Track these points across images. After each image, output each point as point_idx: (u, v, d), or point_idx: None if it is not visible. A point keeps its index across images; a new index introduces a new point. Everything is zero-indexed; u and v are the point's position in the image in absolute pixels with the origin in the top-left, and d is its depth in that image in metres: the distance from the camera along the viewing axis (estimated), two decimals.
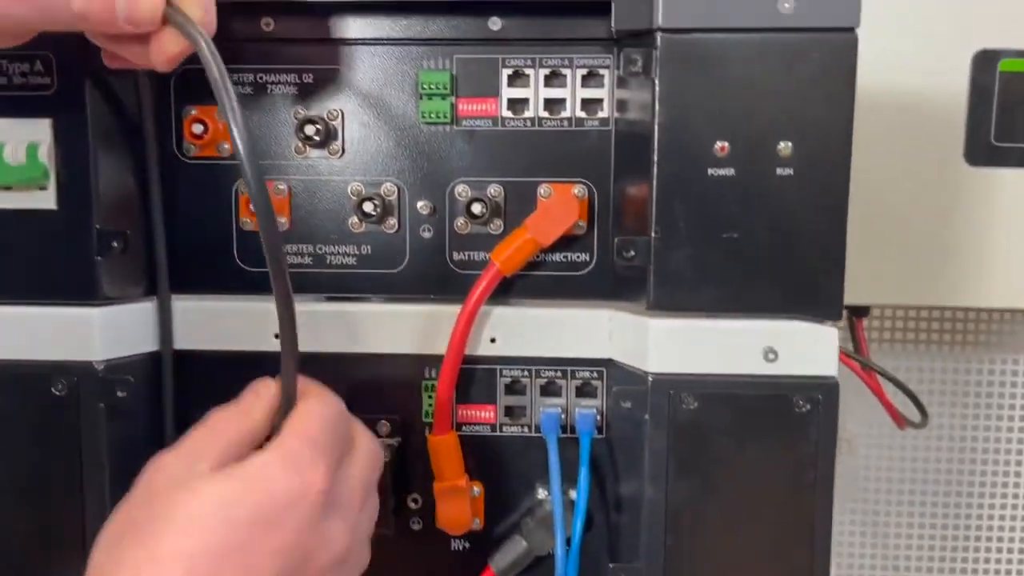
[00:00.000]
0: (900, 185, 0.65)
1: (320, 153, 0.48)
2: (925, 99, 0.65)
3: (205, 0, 0.39)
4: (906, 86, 0.64)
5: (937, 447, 0.85)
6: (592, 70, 0.47)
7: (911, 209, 0.65)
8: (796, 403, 0.44)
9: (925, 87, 0.65)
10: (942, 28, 0.63)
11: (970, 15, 0.63)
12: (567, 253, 0.48)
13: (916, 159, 0.65)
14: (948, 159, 0.65)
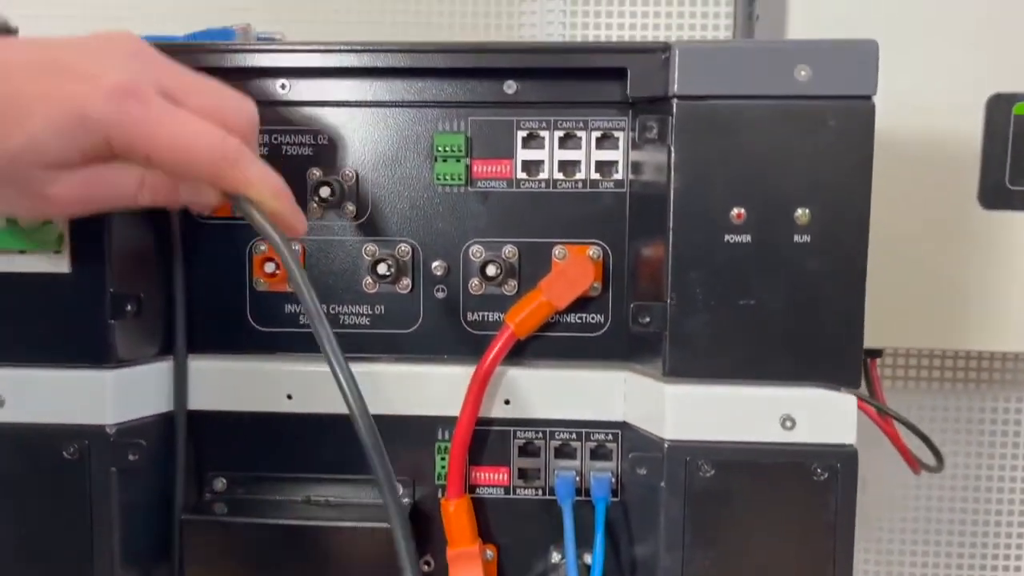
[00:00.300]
0: (914, 228, 0.65)
1: (335, 214, 0.48)
2: (939, 142, 0.64)
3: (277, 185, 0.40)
4: (920, 129, 0.64)
5: (952, 486, 0.84)
6: (607, 132, 0.47)
7: (925, 252, 0.65)
8: (814, 471, 0.44)
9: (939, 130, 0.64)
10: (956, 72, 0.63)
11: (984, 59, 0.63)
12: (582, 314, 0.48)
13: (930, 202, 0.65)
14: (962, 202, 0.65)
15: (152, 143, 0.37)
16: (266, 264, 0.48)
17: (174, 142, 0.38)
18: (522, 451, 0.49)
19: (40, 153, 0.37)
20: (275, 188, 0.40)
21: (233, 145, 0.39)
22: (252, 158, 0.39)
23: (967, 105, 0.63)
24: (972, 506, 0.84)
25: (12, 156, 0.37)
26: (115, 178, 0.39)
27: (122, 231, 0.45)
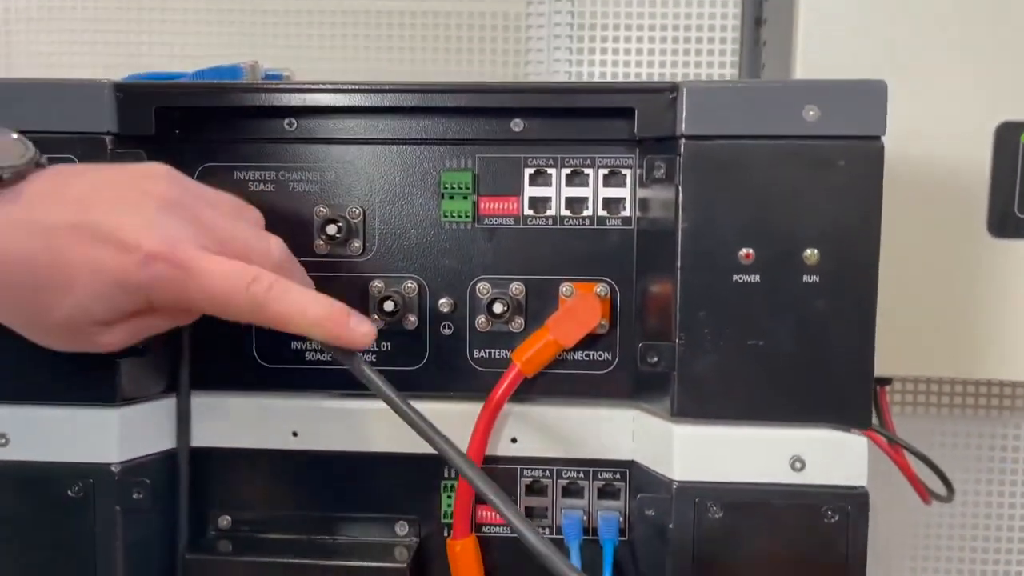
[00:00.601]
0: (923, 256, 0.64)
1: (341, 251, 0.48)
2: (948, 171, 0.64)
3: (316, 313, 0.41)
4: (929, 158, 0.64)
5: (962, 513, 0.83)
6: (614, 169, 0.47)
7: (934, 279, 0.65)
8: (825, 513, 0.43)
9: (948, 159, 0.64)
10: (965, 100, 0.63)
11: (993, 87, 0.63)
12: (589, 352, 0.48)
13: (939, 230, 0.64)
14: (971, 231, 0.65)
15: (189, 298, 0.39)
16: None
17: (211, 294, 0.39)
18: (529, 490, 0.48)
19: (88, 315, 0.39)
20: (314, 318, 0.40)
21: (263, 287, 0.40)
22: (283, 296, 0.40)
23: (976, 133, 0.63)
24: (983, 533, 0.83)
25: (64, 319, 0.39)
26: (160, 322, 0.42)
27: None
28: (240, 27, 0.81)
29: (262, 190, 0.48)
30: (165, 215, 0.39)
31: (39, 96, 0.45)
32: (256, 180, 0.48)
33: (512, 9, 0.81)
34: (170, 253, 0.38)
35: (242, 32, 0.81)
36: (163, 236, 0.39)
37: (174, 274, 0.39)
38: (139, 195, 0.39)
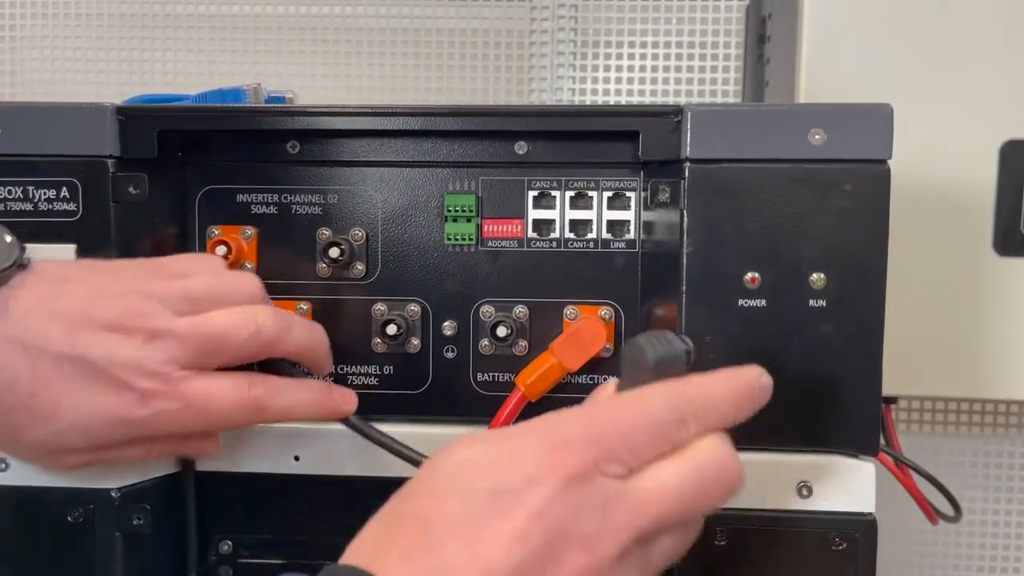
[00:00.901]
0: (928, 275, 0.64)
1: (344, 274, 0.48)
2: (953, 189, 0.64)
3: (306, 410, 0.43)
4: (934, 176, 0.64)
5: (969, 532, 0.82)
6: (618, 192, 0.47)
7: (940, 299, 0.64)
8: (832, 540, 0.43)
9: (953, 177, 0.64)
10: (970, 118, 0.63)
11: (998, 105, 0.63)
12: (594, 376, 0.47)
13: (944, 249, 0.64)
14: (976, 249, 0.64)
15: (191, 424, 0.40)
16: None
17: (205, 417, 0.40)
18: None
19: (63, 444, 0.39)
20: (309, 407, 0.43)
21: (256, 396, 0.40)
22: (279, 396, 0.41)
23: (980, 151, 0.63)
24: (991, 553, 0.82)
25: (35, 441, 0.39)
26: (126, 453, 0.41)
27: None
28: (244, 44, 0.82)
29: (264, 213, 0.48)
30: (156, 344, 0.39)
31: (40, 119, 0.44)
32: (258, 203, 0.48)
33: (516, 27, 0.81)
34: (167, 388, 0.38)
35: (245, 50, 0.82)
36: (156, 370, 0.38)
37: (174, 406, 0.39)
38: (126, 319, 0.38)
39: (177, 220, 0.48)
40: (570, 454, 0.30)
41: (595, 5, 0.81)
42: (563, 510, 0.30)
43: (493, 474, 0.31)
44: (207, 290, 0.41)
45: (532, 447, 0.31)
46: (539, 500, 0.30)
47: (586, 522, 0.30)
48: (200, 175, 0.48)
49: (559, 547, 0.30)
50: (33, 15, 0.83)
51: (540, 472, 0.30)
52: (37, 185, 0.44)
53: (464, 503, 0.30)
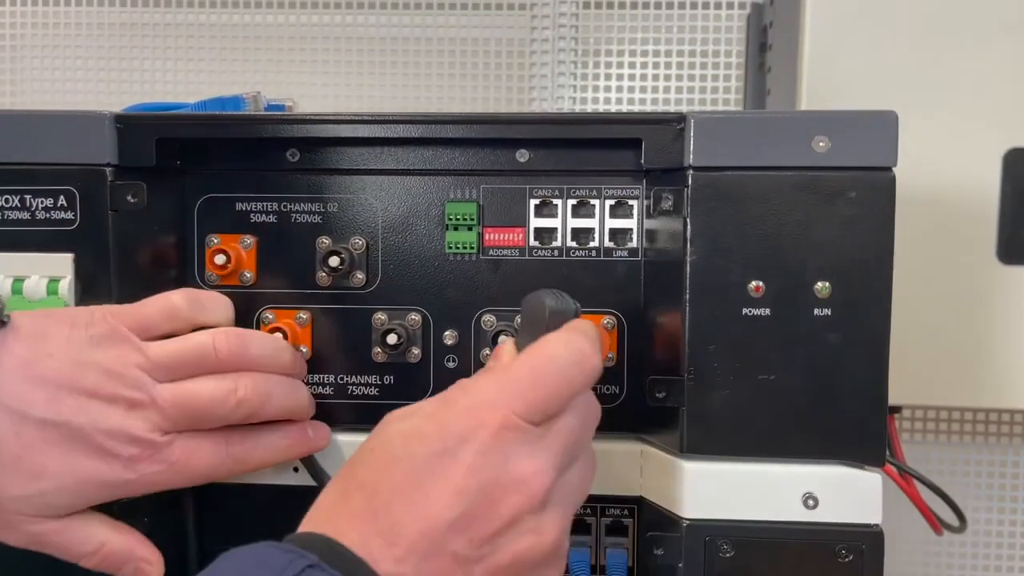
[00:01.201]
0: (932, 283, 0.64)
1: (344, 283, 0.47)
2: (956, 197, 0.63)
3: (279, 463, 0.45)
4: (937, 184, 0.63)
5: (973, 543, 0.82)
6: (620, 200, 0.46)
7: (943, 307, 0.64)
8: (839, 553, 0.42)
9: (956, 185, 0.63)
10: (973, 126, 0.62)
11: (1001, 113, 0.62)
12: (596, 385, 0.47)
13: (948, 257, 0.64)
14: (980, 257, 0.64)
15: (177, 483, 0.42)
16: (274, 334, 0.47)
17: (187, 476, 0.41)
18: None
19: (47, 503, 0.39)
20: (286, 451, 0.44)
21: (235, 454, 0.42)
22: (255, 448, 0.43)
23: (984, 160, 0.63)
24: (995, 563, 0.82)
25: (16, 498, 0.39)
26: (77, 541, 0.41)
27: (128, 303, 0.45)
28: (244, 53, 0.81)
29: (264, 221, 0.47)
30: (137, 411, 0.39)
31: (38, 127, 0.44)
32: (258, 211, 0.47)
33: (516, 36, 0.81)
34: (152, 453, 0.40)
35: (245, 59, 0.81)
36: (140, 437, 0.39)
37: (158, 468, 0.40)
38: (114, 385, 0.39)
39: (176, 229, 0.47)
40: (491, 413, 0.34)
41: (595, 14, 0.80)
42: (494, 460, 0.34)
43: (428, 440, 0.34)
44: (189, 355, 0.41)
45: (458, 413, 0.35)
46: (471, 455, 0.34)
47: (515, 468, 0.34)
48: (199, 183, 0.47)
49: (495, 494, 0.33)
50: (33, 24, 0.83)
51: (468, 432, 0.34)
52: (35, 194, 0.44)
53: (404, 468, 0.34)
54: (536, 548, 0.34)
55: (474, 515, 0.33)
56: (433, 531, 0.32)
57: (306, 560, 0.31)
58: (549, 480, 0.34)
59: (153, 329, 0.41)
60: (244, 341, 0.42)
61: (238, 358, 0.42)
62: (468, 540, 0.33)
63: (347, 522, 0.33)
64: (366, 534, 0.32)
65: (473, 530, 0.33)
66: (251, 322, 0.48)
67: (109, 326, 0.41)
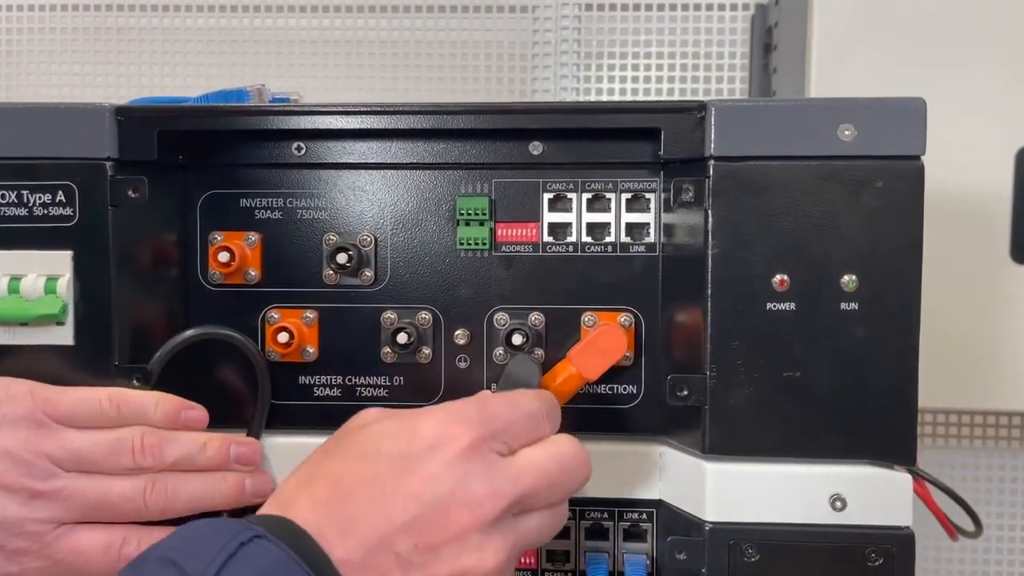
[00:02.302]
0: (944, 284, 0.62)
1: (352, 281, 0.46)
2: (969, 198, 0.62)
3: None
4: (950, 185, 0.62)
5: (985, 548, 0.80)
6: (637, 193, 0.45)
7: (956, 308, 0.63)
8: (868, 556, 0.41)
9: (969, 185, 0.63)
10: (984, 126, 0.62)
11: (1012, 113, 0.61)
12: (613, 385, 0.46)
13: (961, 258, 0.63)
14: (993, 257, 0.63)
15: None
16: (279, 334, 0.45)
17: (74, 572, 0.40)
18: None
19: None
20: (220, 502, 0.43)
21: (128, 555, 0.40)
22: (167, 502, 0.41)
23: (996, 159, 0.62)
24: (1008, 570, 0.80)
25: None
26: None
27: (128, 302, 0.43)
28: (244, 58, 0.80)
29: (269, 218, 0.46)
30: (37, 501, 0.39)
31: (37, 121, 0.43)
32: (263, 207, 0.46)
33: (518, 38, 0.80)
34: (38, 547, 0.39)
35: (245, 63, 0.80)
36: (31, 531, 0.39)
37: (41, 563, 0.39)
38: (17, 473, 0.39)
39: (178, 225, 0.46)
40: (466, 429, 0.36)
41: (598, 16, 0.80)
42: (455, 474, 0.35)
43: (398, 442, 0.36)
44: (104, 450, 0.40)
45: (433, 422, 0.36)
46: (436, 465, 0.35)
47: (473, 486, 0.35)
48: (202, 179, 0.46)
49: (449, 506, 0.34)
50: (30, 29, 0.82)
51: (439, 442, 0.35)
52: (32, 189, 0.43)
53: (371, 465, 0.35)
54: (475, 570, 0.34)
55: (425, 522, 0.34)
56: (385, 529, 0.34)
57: (254, 531, 0.32)
58: (500, 507, 0.35)
59: (76, 421, 0.41)
60: (162, 443, 0.41)
61: (155, 459, 0.41)
62: (414, 545, 0.34)
63: (307, 506, 0.34)
64: (322, 518, 0.34)
65: (421, 536, 0.34)
66: (256, 322, 0.46)
67: (26, 407, 0.40)
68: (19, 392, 0.40)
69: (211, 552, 0.31)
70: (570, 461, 0.38)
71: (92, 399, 0.41)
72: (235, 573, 0.30)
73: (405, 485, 0.34)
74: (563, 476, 0.37)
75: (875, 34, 0.61)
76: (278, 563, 0.31)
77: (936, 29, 0.61)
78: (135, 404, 0.42)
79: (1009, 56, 0.61)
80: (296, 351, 0.46)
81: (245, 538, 0.31)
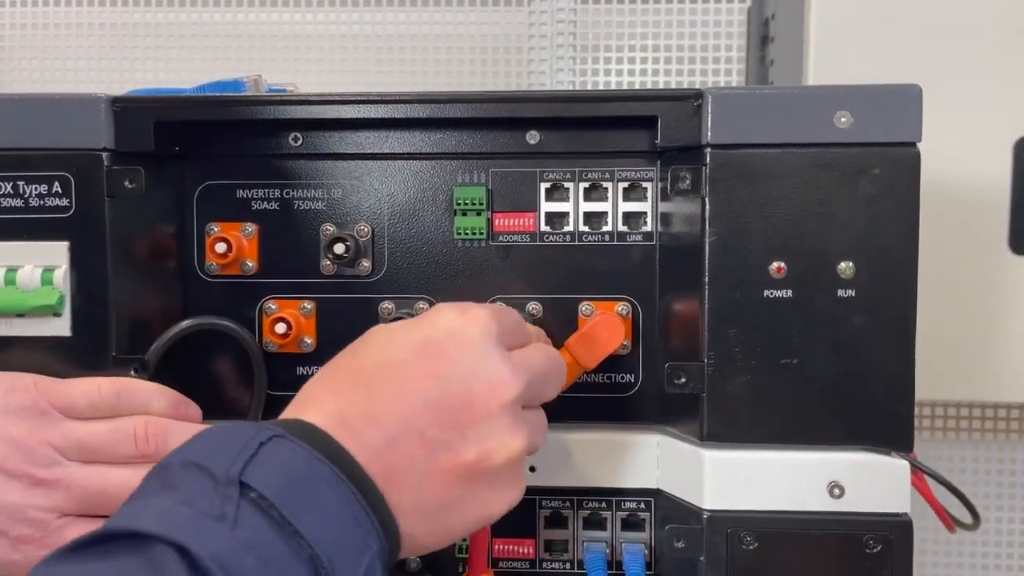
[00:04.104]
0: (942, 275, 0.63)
1: (350, 271, 0.46)
2: (967, 188, 0.62)
3: None
4: (947, 175, 0.62)
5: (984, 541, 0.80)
6: (634, 183, 0.45)
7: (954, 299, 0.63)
8: (866, 543, 0.41)
9: (967, 175, 0.63)
10: (983, 117, 0.62)
11: (1010, 103, 0.61)
12: (611, 374, 0.46)
13: (959, 248, 0.63)
14: (992, 248, 0.63)
15: None
16: (277, 324, 0.45)
17: None
18: (548, 521, 0.46)
19: None
20: None
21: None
22: None
23: (994, 150, 0.62)
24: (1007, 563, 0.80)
25: None
26: None
27: (125, 293, 0.43)
28: (239, 52, 0.80)
29: (266, 208, 0.46)
30: (39, 488, 0.39)
31: (34, 112, 0.42)
32: (260, 198, 0.46)
33: (514, 32, 0.80)
34: (43, 536, 0.39)
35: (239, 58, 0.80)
36: (35, 518, 0.39)
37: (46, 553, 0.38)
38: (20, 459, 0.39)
39: (175, 216, 0.46)
40: (483, 318, 0.36)
41: (594, 9, 0.80)
42: (475, 356, 0.35)
43: (418, 330, 0.36)
44: (107, 441, 0.40)
45: (447, 313, 0.36)
46: (456, 346, 0.35)
47: (493, 366, 0.35)
48: (199, 169, 0.46)
49: (472, 386, 0.34)
50: (23, 25, 0.81)
51: (457, 327, 0.36)
52: (28, 180, 0.42)
53: (389, 351, 0.35)
54: (501, 452, 0.34)
55: (448, 400, 0.34)
56: (407, 409, 0.33)
57: (272, 431, 0.31)
58: (518, 389, 0.35)
59: (76, 411, 0.41)
60: (165, 432, 0.41)
61: (157, 449, 0.41)
62: (439, 423, 0.33)
63: (330, 399, 0.34)
64: (344, 409, 0.33)
65: (445, 414, 0.33)
66: (254, 313, 0.46)
67: (30, 397, 0.40)
68: (23, 384, 0.40)
69: (233, 452, 0.30)
70: (555, 360, 0.39)
71: (92, 387, 0.41)
72: (259, 470, 0.30)
73: (426, 366, 0.34)
74: (551, 372, 0.38)
75: (872, 25, 0.61)
76: (299, 460, 0.31)
77: (933, 21, 0.61)
78: (137, 393, 0.41)
79: (1007, 46, 0.61)
80: (294, 342, 0.46)
81: (264, 438, 0.31)
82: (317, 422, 0.33)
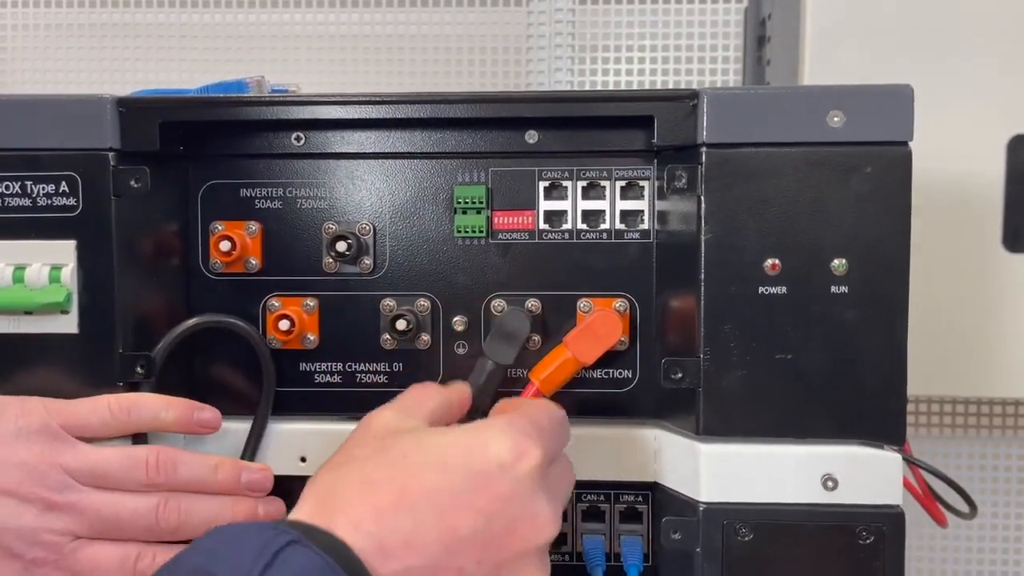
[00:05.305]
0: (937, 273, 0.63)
1: (351, 269, 0.46)
2: (961, 186, 0.63)
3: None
4: (941, 173, 0.63)
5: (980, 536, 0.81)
6: (631, 181, 0.46)
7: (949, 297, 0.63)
8: (859, 534, 0.41)
9: (961, 173, 0.63)
10: (976, 114, 0.62)
11: (1004, 101, 0.62)
12: (609, 369, 0.46)
13: (953, 246, 0.63)
14: (986, 246, 0.63)
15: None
16: (280, 322, 0.46)
17: None
18: None
19: None
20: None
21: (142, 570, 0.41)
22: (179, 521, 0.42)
23: (988, 148, 0.62)
24: (1001, 557, 0.81)
25: None
26: None
27: (131, 291, 0.44)
28: (240, 54, 0.81)
29: (269, 207, 0.47)
30: (52, 512, 0.39)
31: (40, 113, 0.43)
32: (263, 197, 0.47)
33: (512, 32, 0.80)
34: (56, 558, 0.39)
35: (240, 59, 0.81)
36: (48, 541, 0.39)
37: (62, 575, 0.39)
38: (33, 484, 0.39)
39: (179, 215, 0.46)
40: (535, 457, 0.35)
41: (592, 9, 0.80)
42: (524, 492, 0.34)
43: (470, 457, 0.35)
44: (118, 467, 0.41)
45: (505, 441, 0.35)
46: (508, 482, 0.34)
47: (539, 507, 0.35)
48: (203, 169, 0.47)
49: (517, 524, 0.34)
50: (24, 26, 0.82)
51: (509, 461, 0.35)
52: (36, 180, 0.43)
53: (441, 477, 0.34)
54: None
55: (491, 537, 0.34)
56: (453, 541, 0.33)
57: (288, 535, 0.30)
58: (556, 531, 0.36)
59: (89, 430, 0.41)
60: (175, 462, 0.42)
61: (167, 477, 0.41)
62: (478, 560, 0.33)
63: (369, 512, 0.33)
64: (384, 533, 0.32)
65: (486, 551, 0.33)
66: (257, 310, 0.47)
67: (41, 420, 0.40)
68: (33, 407, 0.41)
69: (247, 561, 0.29)
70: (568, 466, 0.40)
71: (102, 406, 0.41)
72: None
73: (477, 501, 0.34)
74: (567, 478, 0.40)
75: (867, 26, 0.62)
76: (316, 569, 0.30)
77: (928, 20, 0.61)
78: (145, 408, 0.42)
79: (1000, 45, 0.61)
80: (297, 338, 0.46)
81: (280, 544, 0.30)
82: (349, 539, 0.31)
